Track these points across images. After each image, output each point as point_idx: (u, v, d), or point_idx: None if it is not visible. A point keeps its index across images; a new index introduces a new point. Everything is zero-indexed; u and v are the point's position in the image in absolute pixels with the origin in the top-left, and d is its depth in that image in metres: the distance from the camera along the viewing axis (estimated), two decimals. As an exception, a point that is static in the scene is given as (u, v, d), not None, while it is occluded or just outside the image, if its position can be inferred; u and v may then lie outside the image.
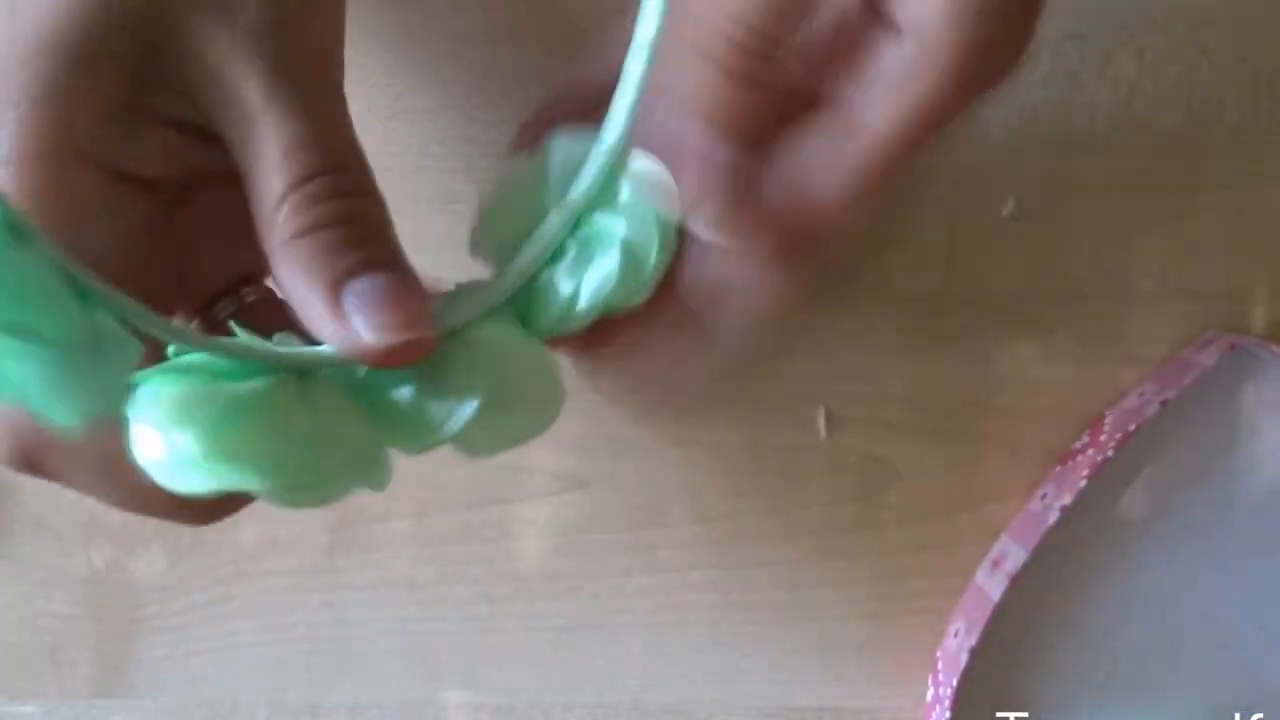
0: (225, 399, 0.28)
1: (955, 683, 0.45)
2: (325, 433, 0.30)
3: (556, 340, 0.34)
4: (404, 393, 0.31)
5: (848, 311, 0.47)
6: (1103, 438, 0.45)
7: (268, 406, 0.29)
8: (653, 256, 0.32)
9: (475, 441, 0.32)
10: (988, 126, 0.47)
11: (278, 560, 0.48)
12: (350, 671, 0.49)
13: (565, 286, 0.33)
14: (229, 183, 0.31)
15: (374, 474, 0.31)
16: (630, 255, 0.32)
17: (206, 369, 0.28)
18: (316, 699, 0.49)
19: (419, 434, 0.31)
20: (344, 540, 0.48)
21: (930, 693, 0.47)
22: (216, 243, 0.33)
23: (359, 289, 0.29)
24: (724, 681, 0.49)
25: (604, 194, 0.33)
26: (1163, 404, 0.44)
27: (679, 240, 0.33)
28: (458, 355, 0.31)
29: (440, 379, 0.31)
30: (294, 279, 0.29)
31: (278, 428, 0.29)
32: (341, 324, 0.29)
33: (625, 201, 0.33)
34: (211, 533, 0.48)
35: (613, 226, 0.32)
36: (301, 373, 0.30)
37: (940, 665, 0.47)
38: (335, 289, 0.29)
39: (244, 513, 0.47)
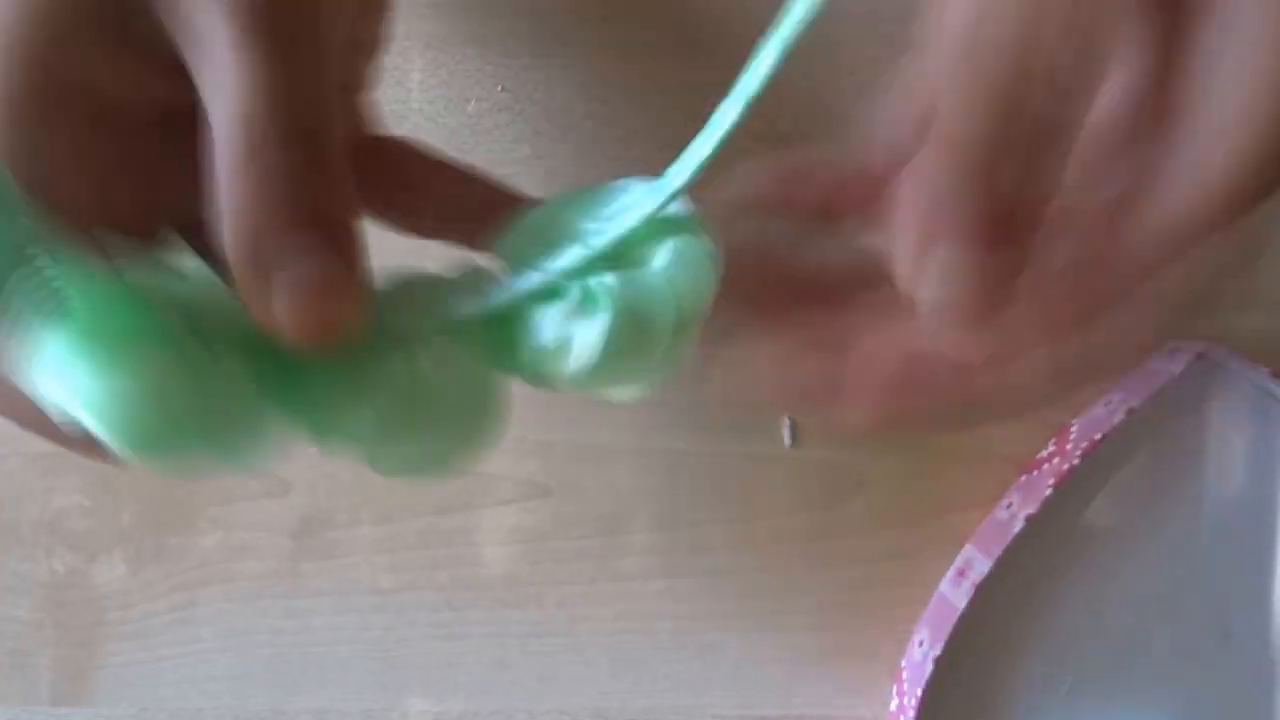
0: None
1: (920, 693, 0.44)
2: (205, 394, 0.27)
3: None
4: (316, 378, 0.29)
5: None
6: (1068, 446, 0.45)
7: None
8: (661, 335, 0.30)
9: (377, 457, 0.30)
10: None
11: (241, 566, 0.48)
12: (314, 678, 0.49)
13: (546, 332, 0.30)
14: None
15: (244, 452, 0.28)
16: (633, 325, 0.29)
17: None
18: (280, 705, 0.49)
19: (315, 428, 0.29)
20: (307, 546, 0.48)
21: (894, 703, 0.47)
22: (188, 183, 0.31)
23: (283, 281, 0.28)
24: (688, 689, 0.48)
25: (637, 248, 0.30)
26: (1129, 412, 0.44)
27: None
28: (386, 362, 0.29)
29: (356, 377, 0.29)
30: (230, 247, 0.28)
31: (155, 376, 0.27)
32: (265, 310, 0.28)
33: (656, 266, 0.30)
34: (173, 538, 0.48)
35: (621, 286, 0.30)
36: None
37: (905, 675, 0.47)
38: (264, 278, 0.28)
39: (207, 518, 0.48)
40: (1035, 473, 0.45)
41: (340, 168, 0.29)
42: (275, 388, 0.29)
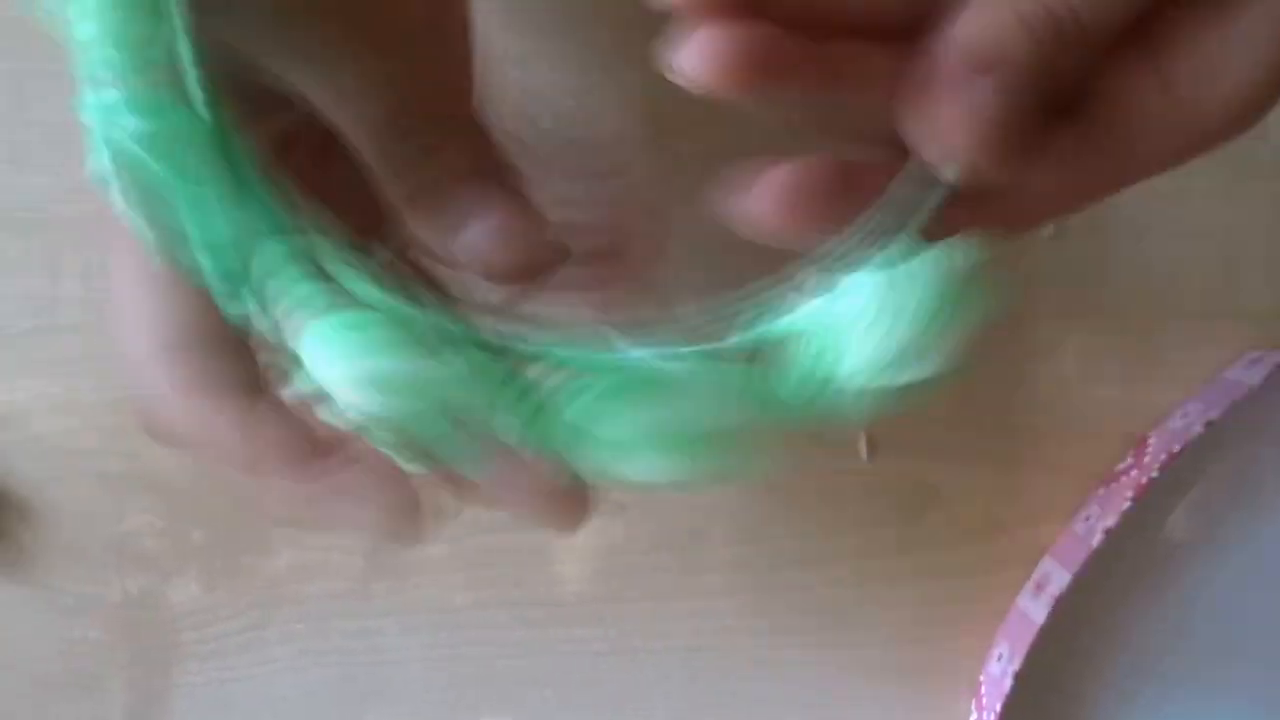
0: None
1: (999, 708, 0.44)
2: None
3: None
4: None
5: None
6: (1147, 459, 0.45)
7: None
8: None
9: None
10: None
11: (312, 585, 0.48)
12: (385, 697, 0.48)
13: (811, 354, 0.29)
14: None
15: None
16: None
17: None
18: (352, 725, 0.49)
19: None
20: (378, 565, 0.48)
21: (974, 718, 0.47)
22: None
23: (468, 239, 0.31)
24: (764, 706, 0.48)
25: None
26: (1207, 424, 0.44)
27: None
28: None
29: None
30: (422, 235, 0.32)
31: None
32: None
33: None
34: (246, 558, 0.48)
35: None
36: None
37: (984, 690, 0.46)
38: (455, 238, 0.32)
39: (279, 537, 0.47)
40: (1113, 485, 0.45)
41: None
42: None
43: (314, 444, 0.32)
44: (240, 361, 0.32)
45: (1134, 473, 0.45)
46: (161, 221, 0.29)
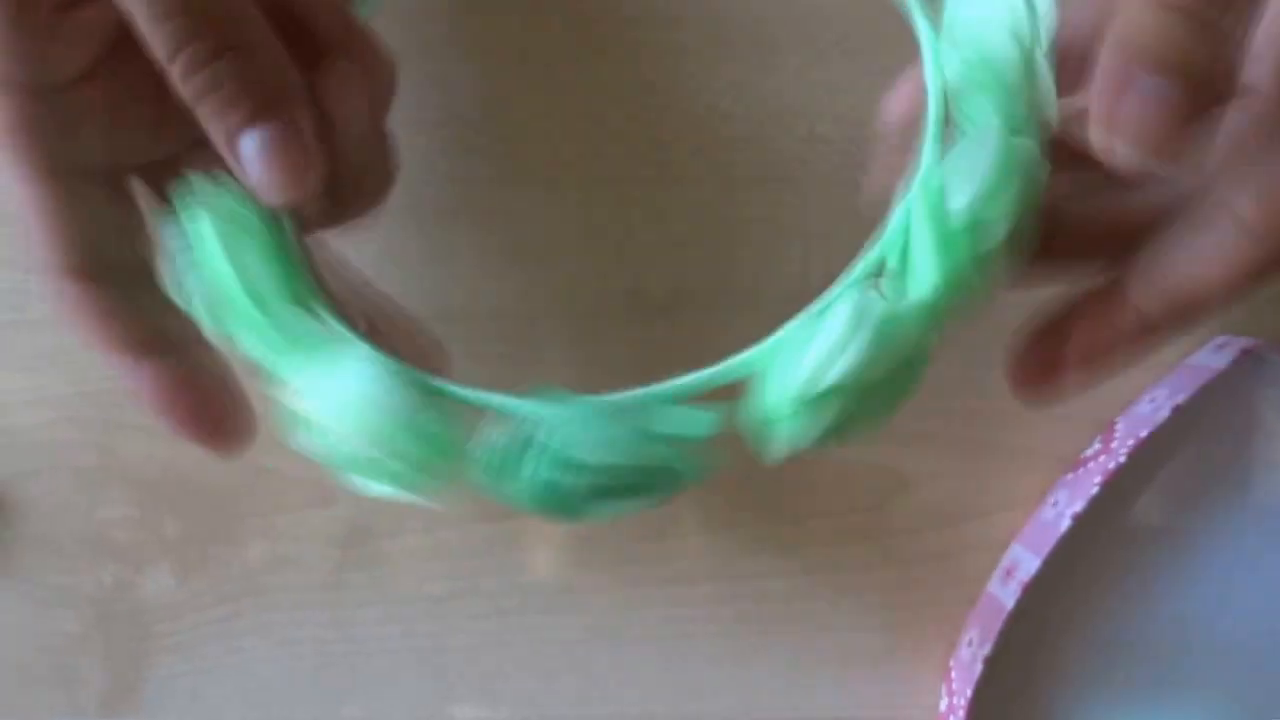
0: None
1: (970, 692, 0.45)
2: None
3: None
4: None
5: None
6: (1114, 444, 0.45)
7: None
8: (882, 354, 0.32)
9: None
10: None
11: (287, 576, 0.48)
12: (361, 687, 0.49)
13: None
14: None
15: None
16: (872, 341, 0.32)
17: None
18: (327, 715, 0.49)
19: None
20: (353, 556, 0.48)
21: (944, 702, 0.47)
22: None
23: (245, 149, 0.33)
24: (736, 693, 0.48)
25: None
26: (1175, 409, 0.44)
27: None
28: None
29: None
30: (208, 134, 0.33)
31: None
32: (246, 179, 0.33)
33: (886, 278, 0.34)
34: (219, 549, 0.48)
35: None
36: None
37: (954, 675, 0.47)
38: (231, 147, 0.33)
39: (252, 529, 0.48)
40: (1081, 470, 0.46)
41: None
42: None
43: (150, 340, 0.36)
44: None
45: (1102, 458, 0.45)
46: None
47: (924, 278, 0.33)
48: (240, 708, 0.49)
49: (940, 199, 0.33)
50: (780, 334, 0.34)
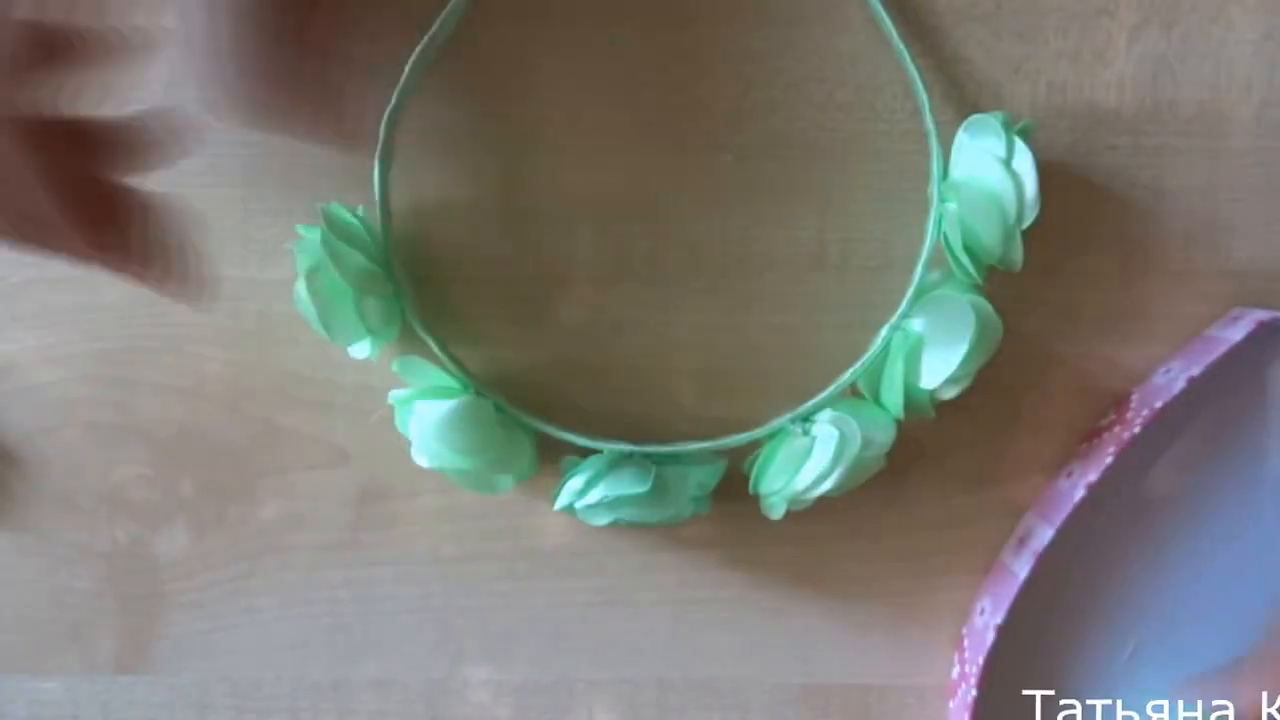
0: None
1: (981, 660, 0.45)
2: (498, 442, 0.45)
3: None
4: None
5: (875, 287, 0.47)
6: (1129, 415, 0.45)
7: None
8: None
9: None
10: (1015, 104, 0.47)
11: (301, 536, 0.48)
12: (374, 648, 0.49)
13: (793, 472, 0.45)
14: None
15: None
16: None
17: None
18: (340, 675, 0.49)
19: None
20: (368, 516, 0.48)
21: (955, 670, 0.47)
22: None
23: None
24: (749, 658, 0.49)
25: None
26: (1189, 381, 0.44)
27: None
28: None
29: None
30: None
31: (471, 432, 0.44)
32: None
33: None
34: (234, 508, 0.48)
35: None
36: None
37: (966, 643, 0.47)
38: None
39: (266, 488, 0.48)
40: (1095, 441, 0.46)
41: None
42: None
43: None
44: None
45: (1116, 429, 0.45)
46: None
47: (892, 410, 0.45)
48: (253, 666, 0.49)
49: (916, 366, 0.44)
50: (775, 423, 0.46)
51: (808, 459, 0.44)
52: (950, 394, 0.44)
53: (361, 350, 0.46)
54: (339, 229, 0.43)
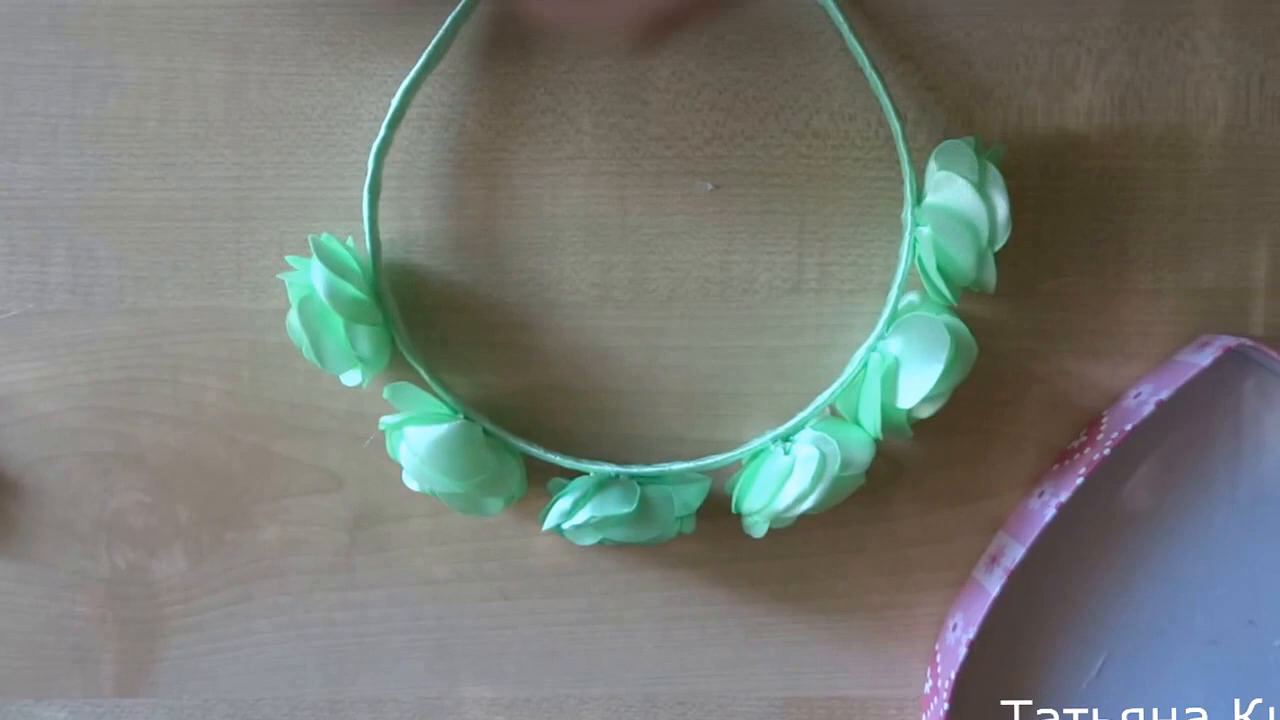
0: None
1: (953, 675, 0.46)
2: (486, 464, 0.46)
3: None
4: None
5: (853, 309, 0.49)
6: (1099, 437, 0.46)
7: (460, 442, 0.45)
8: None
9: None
10: (986, 129, 0.48)
11: (296, 560, 0.50)
12: (369, 668, 0.50)
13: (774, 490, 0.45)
14: None
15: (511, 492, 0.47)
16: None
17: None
18: (336, 696, 0.50)
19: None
20: (362, 540, 0.49)
21: (928, 685, 0.49)
22: None
23: None
24: (733, 673, 0.50)
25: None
26: (1158, 404, 0.45)
27: None
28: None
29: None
30: None
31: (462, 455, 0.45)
32: None
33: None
34: (231, 533, 0.49)
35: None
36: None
37: (939, 658, 0.48)
38: None
39: (262, 514, 0.49)
40: (1066, 462, 0.47)
41: None
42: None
43: None
44: None
45: (1087, 450, 0.46)
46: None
47: (870, 430, 0.46)
48: (252, 688, 0.50)
49: (893, 386, 0.45)
50: (757, 443, 0.47)
51: (789, 479, 0.45)
52: (927, 413, 0.45)
53: (353, 378, 0.47)
54: (329, 260, 0.44)
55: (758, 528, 0.46)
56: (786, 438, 0.47)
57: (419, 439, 0.45)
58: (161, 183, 0.48)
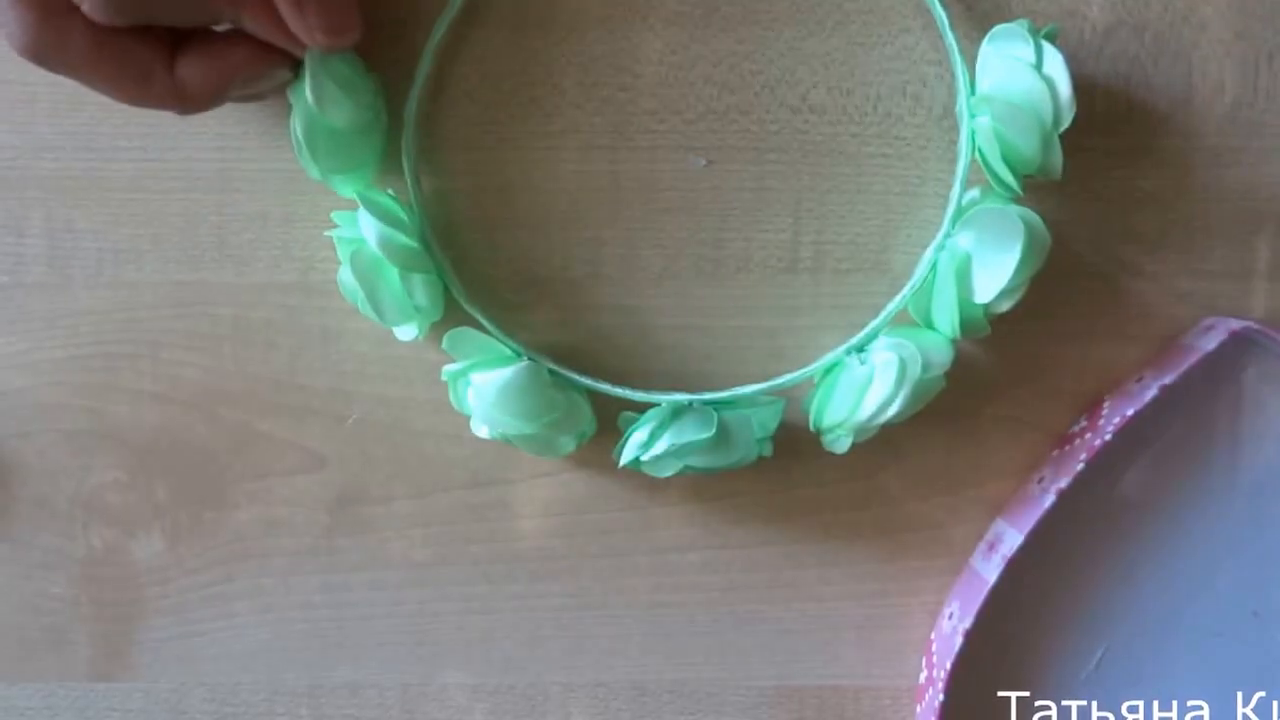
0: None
1: (949, 664, 0.45)
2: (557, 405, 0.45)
3: None
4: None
5: (850, 288, 0.48)
6: (1100, 422, 0.45)
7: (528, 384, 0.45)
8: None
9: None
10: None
11: (277, 541, 0.49)
12: (350, 653, 0.49)
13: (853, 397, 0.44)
14: None
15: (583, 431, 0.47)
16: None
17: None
18: (316, 680, 0.49)
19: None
20: (344, 521, 0.49)
21: (923, 674, 0.48)
22: None
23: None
24: (723, 661, 0.49)
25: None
26: (1161, 389, 0.44)
27: None
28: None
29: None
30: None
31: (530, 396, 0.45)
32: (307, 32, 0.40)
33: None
34: (210, 513, 0.48)
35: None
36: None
37: (935, 647, 0.47)
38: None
39: (242, 493, 0.48)
40: (1067, 447, 0.46)
41: None
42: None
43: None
44: None
45: (1088, 435, 0.45)
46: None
47: (946, 331, 0.45)
48: (231, 671, 0.49)
49: (968, 282, 0.44)
50: (828, 358, 0.46)
51: (869, 387, 0.44)
52: (1005, 306, 0.44)
53: (408, 332, 0.46)
54: (378, 212, 0.44)
55: (840, 443, 0.46)
56: (860, 348, 0.46)
57: (486, 384, 0.44)
58: (142, 153, 0.47)
